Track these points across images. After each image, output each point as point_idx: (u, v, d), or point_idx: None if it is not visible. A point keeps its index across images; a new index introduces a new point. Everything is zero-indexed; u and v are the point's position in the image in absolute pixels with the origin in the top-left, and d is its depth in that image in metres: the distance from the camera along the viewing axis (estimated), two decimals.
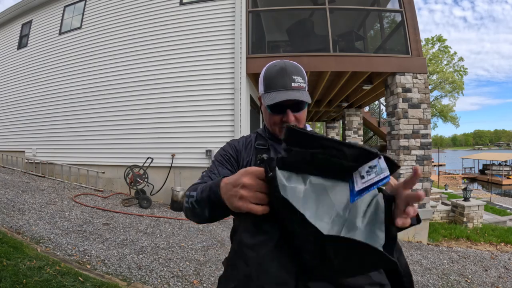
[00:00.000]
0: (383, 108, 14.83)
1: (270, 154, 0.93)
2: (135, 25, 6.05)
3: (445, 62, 22.23)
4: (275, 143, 0.95)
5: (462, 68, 22.56)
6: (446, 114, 23.65)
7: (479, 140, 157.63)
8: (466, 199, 7.15)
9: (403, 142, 4.92)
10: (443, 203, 7.83)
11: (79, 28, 6.72)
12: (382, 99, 11.14)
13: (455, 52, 22.30)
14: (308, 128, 1.00)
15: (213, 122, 5.47)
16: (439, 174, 19.36)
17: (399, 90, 4.95)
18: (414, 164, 4.92)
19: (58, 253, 2.91)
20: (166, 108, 5.72)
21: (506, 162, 23.45)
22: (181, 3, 5.79)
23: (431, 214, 5.28)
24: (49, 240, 3.18)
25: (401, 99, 4.95)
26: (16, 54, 7.77)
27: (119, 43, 6.16)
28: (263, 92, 0.88)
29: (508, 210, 10.37)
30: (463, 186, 10.44)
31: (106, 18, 6.40)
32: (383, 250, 0.46)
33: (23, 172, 6.58)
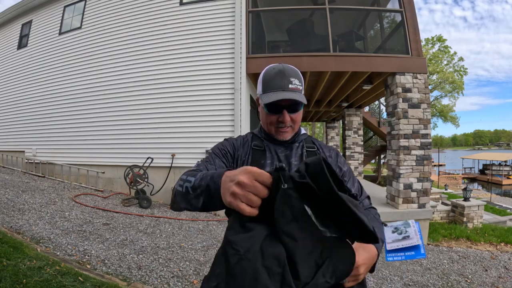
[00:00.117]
0: (383, 108, 14.84)
1: (266, 155, 0.95)
2: (135, 25, 6.05)
3: (445, 62, 22.25)
4: (270, 144, 0.98)
5: (462, 68, 22.57)
6: (446, 114, 23.65)
7: (479, 140, 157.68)
8: (466, 199, 7.14)
9: (403, 142, 4.92)
10: (443, 203, 7.82)
11: (79, 28, 6.72)
12: (382, 99, 11.16)
13: (455, 52, 22.32)
14: (302, 131, 1.03)
15: (213, 122, 5.47)
16: (439, 174, 19.37)
17: (399, 90, 4.95)
18: (414, 164, 4.92)
19: (58, 253, 2.91)
20: (166, 108, 5.72)
21: (506, 162, 23.47)
22: (181, 3, 5.79)
23: (431, 214, 5.27)
24: (49, 240, 3.18)
25: (401, 99, 4.95)
26: (16, 54, 7.77)
27: (119, 43, 6.16)
28: (261, 93, 0.90)
29: (508, 210, 10.37)
30: (463, 186, 10.44)
31: (106, 18, 6.40)
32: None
33: (23, 172, 6.58)
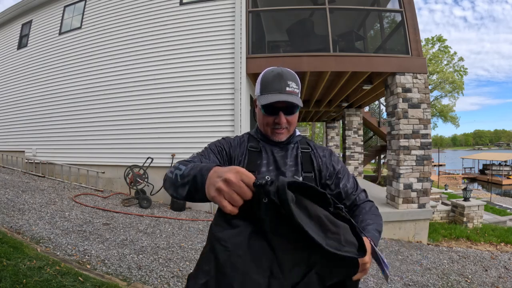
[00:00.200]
0: (383, 108, 14.84)
1: (262, 156, 0.97)
2: (135, 25, 6.05)
3: (445, 62, 22.24)
4: (266, 144, 1.00)
5: (462, 68, 22.57)
6: (446, 114, 23.65)
7: (479, 140, 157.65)
8: (466, 199, 7.14)
9: (403, 142, 4.92)
10: (443, 203, 7.82)
11: (79, 28, 6.71)
12: (382, 99, 11.16)
13: (455, 52, 22.32)
14: (297, 133, 1.05)
15: (213, 122, 5.47)
16: (439, 174, 19.38)
17: (399, 90, 4.95)
18: (414, 164, 4.92)
19: (58, 253, 2.91)
20: (166, 108, 5.72)
21: (506, 162, 23.48)
22: (181, 3, 5.79)
23: (431, 214, 5.27)
24: (49, 240, 3.18)
25: (401, 99, 4.95)
26: (16, 54, 7.77)
27: (119, 43, 6.15)
28: (259, 94, 0.93)
29: (508, 210, 10.38)
30: (463, 186, 10.44)
31: (106, 18, 6.40)
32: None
33: (23, 172, 6.58)
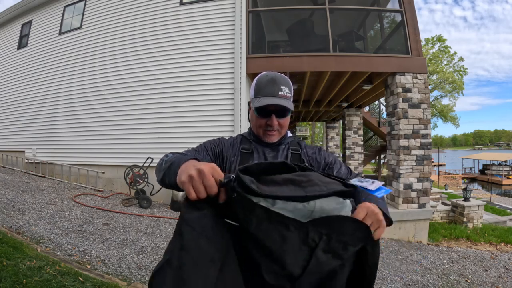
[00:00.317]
0: (383, 108, 14.82)
1: (253, 157, 1.02)
2: (135, 25, 6.05)
3: (445, 62, 22.23)
4: (258, 145, 1.04)
5: (462, 68, 22.56)
6: (446, 114, 23.63)
7: (479, 140, 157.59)
8: (466, 199, 7.14)
9: (403, 142, 4.92)
10: (443, 203, 7.82)
11: (79, 28, 6.71)
12: (382, 99, 11.14)
13: (455, 52, 22.30)
14: (289, 134, 1.09)
15: (213, 122, 5.47)
16: (439, 174, 19.37)
17: (399, 90, 4.95)
18: (414, 164, 4.92)
19: (58, 253, 2.91)
20: (166, 108, 5.72)
21: (506, 162, 23.47)
22: (181, 3, 5.78)
23: (431, 214, 5.27)
24: (49, 240, 3.18)
25: (401, 99, 4.95)
26: (16, 54, 7.77)
27: (119, 43, 6.15)
28: (253, 97, 0.98)
29: (508, 210, 10.38)
30: (463, 186, 10.44)
31: (106, 18, 6.40)
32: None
33: (23, 172, 6.58)
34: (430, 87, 17.42)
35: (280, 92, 0.94)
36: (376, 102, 14.76)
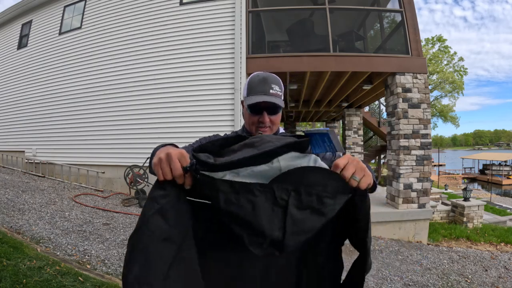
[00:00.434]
0: (383, 108, 14.82)
1: None
2: (135, 25, 6.05)
3: (445, 62, 22.22)
4: None
5: (462, 68, 22.55)
6: (446, 114, 23.63)
7: (479, 140, 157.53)
8: (466, 199, 7.15)
9: (403, 142, 4.92)
10: (443, 203, 7.83)
11: (79, 28, 6.72)
12: (382, 99, 11.14)
13: (455, 52, 22.30)
14: (281, 130, 1.12)
15: (213, 122, 5.47)
16: (439, 174, 19.38)
17: (399, 90, 4.95)
18: (414, 164, 4.92)
19: (58, 253, 2.91)
20: (166, 108, 5.72)
21: (506, 162, 23.47)
22: (181, 3, 5.79)
23: (431, 214, 5.27)
24: (49, 240, 3.18)
25: (401, 99, 4.95)
26: (16, 54, 7.77)
27: (119, 43, 6.15)
28: (246, 96, 1.03)
29: (508, 210, 10.38)
30: (463, 186, 10.44)
31: (106, 18, 6.40)
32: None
33: (23, 172, 6.58)
34: (430, 87, 17.42)
35: (271, 91, 0.98)
36: (376, 102, 14.76)
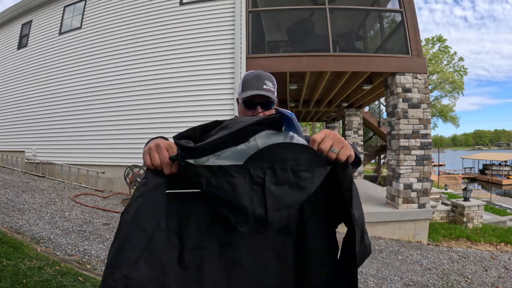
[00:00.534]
0: (383, 108, 14.82)
1: None
2: (135, 25, 6.05)
3: (445, 62, 22.23)
4: None
5: (462, 68, 22.56)
6: (446, 114, 23.63)
7: (479, 140, 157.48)
8: (466, 199, 7.15)
9: (403, 142, 4.92)
10: (443, 203, 7.83)
11: (79, 28, 6.72)
12: (382, 99, 11.15)
13: (455, 52, 22.30)
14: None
15: None
16: (439, 174, 19.38)
17: (399, 90, 4.95)
18: (414, 164, 4.92)
19: (58, 253, 2.91)
20: (166, 108, 5.72)
21: (506, 162, 23.46)
22: (181, 3, 5.78)
23: (431, 214, 5.27)
24: (49, 240, 3.18)
25: (401, 99, 4.95)
26: (16, 54, 7.77)
27: (119, 43, 6.15)
28: (240, 92, 1.06)
29: (508, 210, 10.38)
30: (463, 186, 10.44)
31: (106, 18, 6.40)
32: None
33: (23, 172, 6.58)
34: (430, 87, 17.42)
35: (264, 86, 1.02)
36: (376, 102, 14.77)
